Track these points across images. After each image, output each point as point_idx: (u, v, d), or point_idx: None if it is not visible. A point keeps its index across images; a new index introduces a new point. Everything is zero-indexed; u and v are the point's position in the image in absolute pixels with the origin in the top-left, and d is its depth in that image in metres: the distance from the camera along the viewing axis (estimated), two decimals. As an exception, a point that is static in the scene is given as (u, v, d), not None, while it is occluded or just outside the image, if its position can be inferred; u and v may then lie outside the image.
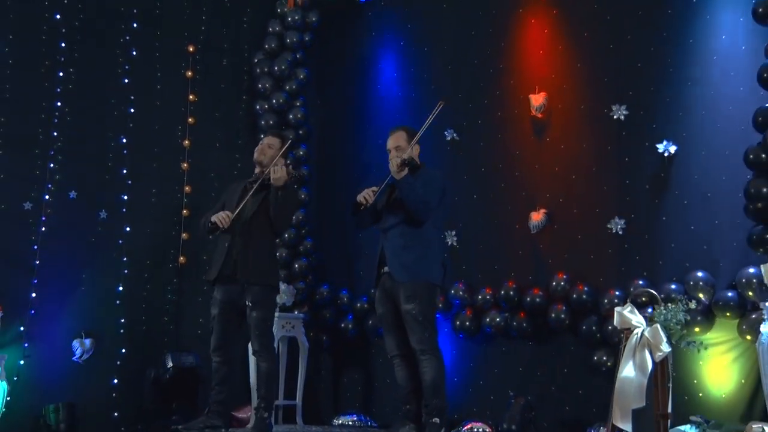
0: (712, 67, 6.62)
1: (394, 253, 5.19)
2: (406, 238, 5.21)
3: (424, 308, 5.01)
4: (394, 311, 5.15)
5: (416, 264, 5.12)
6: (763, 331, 5.61)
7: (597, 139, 7.04)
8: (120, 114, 7.67)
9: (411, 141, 5.47)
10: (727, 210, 6.40)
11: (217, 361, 5.72)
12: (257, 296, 5.56)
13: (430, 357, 4.94)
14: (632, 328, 5.26)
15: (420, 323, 4.96)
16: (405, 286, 5.09)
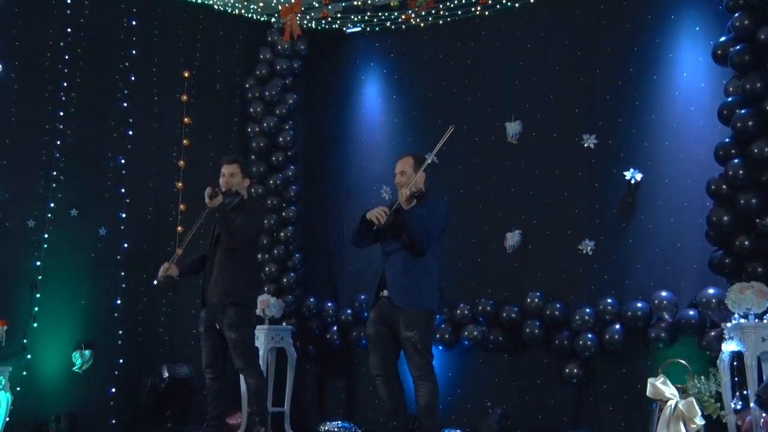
0: (675, 102, 6.81)
1: (395, 279, 5.08)
2: (407, 264, 5.07)
3: (422, 336, 4.95)
4: (385, 334, 5.08)
5: (416, 291, 5.03)
6: (724, 350, 5.80)
7: (569, 165, 7.19)
8: (119, 136, 7.67)
9: (417, 169, 5.34)
10: (689, 234, 6.59)
11: (210, 378, 5.73)
12: (232, 318, 5.56)
13: (426, 382, 4.92)
14: (666, 399, 5.33)
15: (418, 351, 4.91)
16: (405, 312, 4.99)
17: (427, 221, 5.05)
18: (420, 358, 4.86)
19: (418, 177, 5.28)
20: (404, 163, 5.38)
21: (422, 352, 4.88)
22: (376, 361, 5.07)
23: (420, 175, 5.31)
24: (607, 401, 6.76)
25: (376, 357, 5.07)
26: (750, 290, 5.62)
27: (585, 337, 6.72)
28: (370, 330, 5.15)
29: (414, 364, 4.88)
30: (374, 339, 5.10)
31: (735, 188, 5.91)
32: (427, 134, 7.96)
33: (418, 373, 4.87)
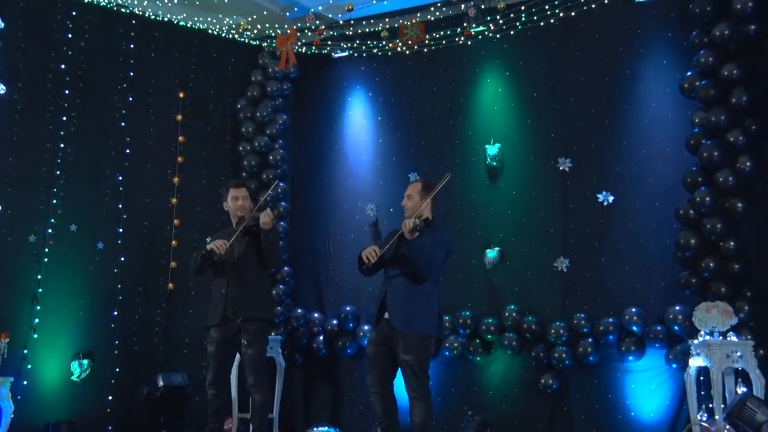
0: (644, 130, 6.97)
1: (395, 303, 5.05)
2: (408, 289, 5.03)
3: (420, 359, 4.94)
4: (384, 354, 5.09)
5: (416, 316, 4.99)
6: (691, 365, 5.96)
7: (545, 187, 7.33)
8: (117, 154, 7.67)
9: (425, 196, 5.25)
10: (657, 254, 6.76)
11: (213, 394, 5.73)
12: (253, 334, 5.60)
13: (421, 403, 4.93)
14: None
15: (415, 373, 4.92)
16: (404, 336, 4.96)
17: (429, 251, 4.99)
18: (416, 380, 4.89)
19: (423, 205, 5.22)
20: (412, 188, 5.32)
21: (418, 374, 4.90)
22: (373, 379, 5.10)
23: (426, 203, 5.24)
24: (580, 410, 6.88)
25: (374, 375, 5.09)
26: (715, 309, 5.80)
27: (559, 350, 6.86)
28: (370, 349, 5.15)
29: (410, 385, 4.90)
30: (373, 358, 5.11)
31: (701, 214, 6.09)
32: (410, 155, 8.11)
33: (414, 394, 4.89)
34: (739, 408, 4.71)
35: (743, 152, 6.04)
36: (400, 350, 4.93)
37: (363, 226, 8.21)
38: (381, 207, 8.14)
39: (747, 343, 5.77)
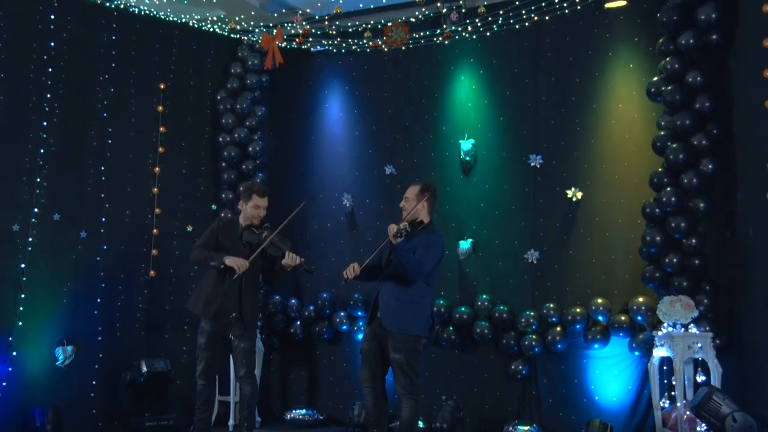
0: (611, 130, 7.12)
1: (386, 304, 5.05)
2: (399, 291, 5.04)
3: (409, 358, 4.99)
4: (376, 350, 5.14)
5: (406, 317, 5.02)
6: (655, 354, 6.16)
7: (516, 182, 7.44)
8: (99, 144, 7.54)
9: (420, 198, 5.24)
10: (622, 248, 6.94)
11: (202, 384, 5.72)
12: (247, 329, 5.63)
13: (409, 400, 5.01)
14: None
15: (404, 372, 4.98)
16: (393, 336, 5.00)
17: (422, 252, 5.00)
18: (405, 378, 4.95)
19: (419, 206, 5.22)
20: (410, 191, 5.29)
21: (407, 373, 4.95)
22: (366, 374, 5.15)
23: (422, 204, 5.24)
24: (547, 395, 7.07)
25: (367, 371, 5.15)
26: (679, 303, 6.00)
27: (529, 338, 7.01)
28: (364, 345, 5.19)
29: (399, 383, 4.96)
30: (366, 354, 5.16)
31: (666, 213, 6.26)
32: (386, 148, 8.15)
33: (402, 391, 4.95)
34: (705, 401, 4.89)
35: (706, 155, 6.21)
36: (390, 349, 4.99)
37: (339, 215, 8.25)
38: (357, 197, 8.18)
39: (706, 334, 5.99)
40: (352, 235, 8.17)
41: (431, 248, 5.11)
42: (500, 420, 7.10)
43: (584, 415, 6.81)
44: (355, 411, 7.49)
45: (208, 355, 5.70)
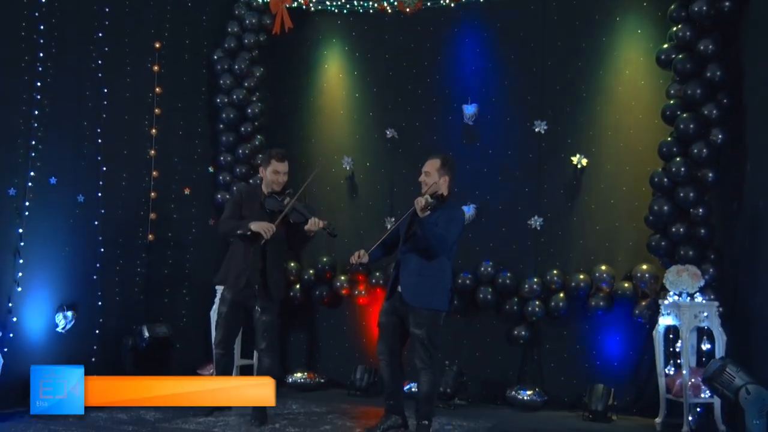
0: (618, 97, 7.07)
1: (408, 278, 5.04)
2: (420, 265, 5.03)
3: (430, 334, 4.98)
4: (395, 324, 5.13)
5: (428, 292, 5.00)
6: (660, 323, 6.23)
7: (520, 148, 7.39)
8: (94, 105, 7.32)
9: (443, 172, 5.21)
10: (626, 215, 6.96)
11: (220, 353, 5.70)
12: (269, 300, 5.56)
13: (428, 373, 5.00)
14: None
15: (424, 346, 4.97)
16: (415, 311, 5.00)
17: (444, 226, 4.96)
18: (425, 353, 4.93)
19: (442, 181, 5.16)
20: (431, 165, 5.22)
21: (428, 347, 4.93)
22: (383, 347, 5.13)
23: (443, 178, 5.18)
24: (549, 359, 7.15)
25: (384, 344, 5.13)
26: (686, 273, 6.04)
27: (532, 304, 7.05)
28: (382, 319, 5.16)
29: (419, 357, 4.94)
30: (384, 327, 5.13)
31: (675, 182, 6.27)
32: (387, 111, 8.02)
33: (422, 365, 4.94)
34: (718, 373, 4.96)
35: (716, 125, 6.20)
36: (411, 324, 4.97)
37: (339, 179, 8.16)
38: (357, 161, 8.08)
39: (712, 303, 6.05)
40: (353, 199, 8.09)
41: (453, 222, 5.08)
42: (502, 384, 7.18)
43: (585, 380, 6.89)
44: (358, 375, 7.52)
45: (228, 324, 5.66)
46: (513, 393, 6.95)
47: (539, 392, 6.92)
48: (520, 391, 6.92)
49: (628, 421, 6.50)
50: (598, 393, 6.52)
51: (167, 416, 4.89)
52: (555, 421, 6.53)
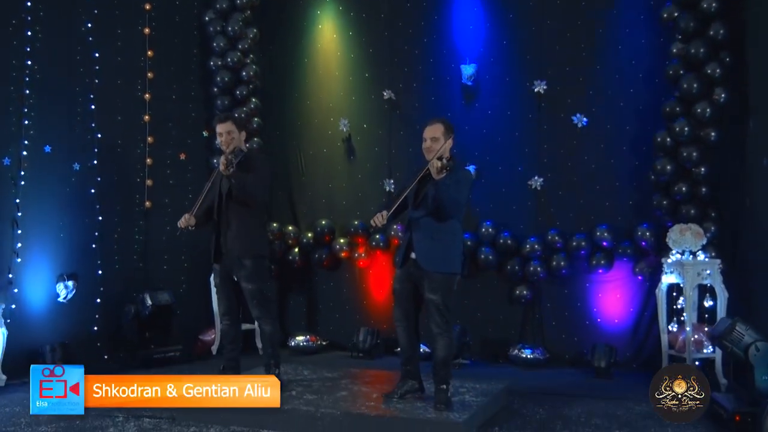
0: (617, 55, 7.04)
1: (421, 244, 4.98)
2: (433, 229, 4.97)
3: (445, 298, 4.97)
4: (409, 290, 5.12)
5: (441, 256, 4.98)
6: (663, 281, 6.32)
7: (520, 108, 7.36)
8: (86, 70, 7.16)
9: (448, 136, 5.12)
10: (626, 175, 7.00)
11: (227, 324, 5.65)
12: (249, 270, 5.44)
13: (444, 338, 4.99)
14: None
15: (440, 311, 4.96)
16: (430, 276, 4.95)
17: (455, 191, 4.94)
18: (440, 318, 4.93)
19: (446, 145, 5.11)
20: (435, 130, 5.13)
21: (443, 312, 4.94)
22: (399, 313, 5.13)
23: (448, 142, 5.14)
24: (550, 318, 7.24)
25: (400, 310, 5.13)
26: (689, 232, 6.12)
27: (534, 264, 7.10)
28: (396, 286, 5.14)
29: (435, 322, 4.95)
30: (399, 294, 5.12)
31: (678, 143, 6.30)
32: (384, 72, 7.93)
33: (437, 330, 4.94)
34: (728, 331, 5.05)
35: (719, 84, 6.21)
36: (426, 289, 4.95)
37: (336, 140, 8.09)
38: (354, 123, 8.01)
39: (714, 261, 6.15)
40: (350, 161, 8.04)
41: (462, 183, 5.04)
42: (503, 343, 7.27)
43: (586, 337, 7.02)
44: (360, 337, 7.57)
45: (224, 295, 5.62)
46: (516, 352, 7.04)
47: (542, 350, 7.03)
48: (523, 350, 7.02)
49: (631, 377, 6.62)
50: (601, 351, 6.63)
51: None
52: (561, 378, 6.63)
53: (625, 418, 5.28)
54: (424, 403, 5.00)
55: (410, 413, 4.78)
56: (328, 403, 5.06)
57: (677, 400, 3.95)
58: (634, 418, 5.28)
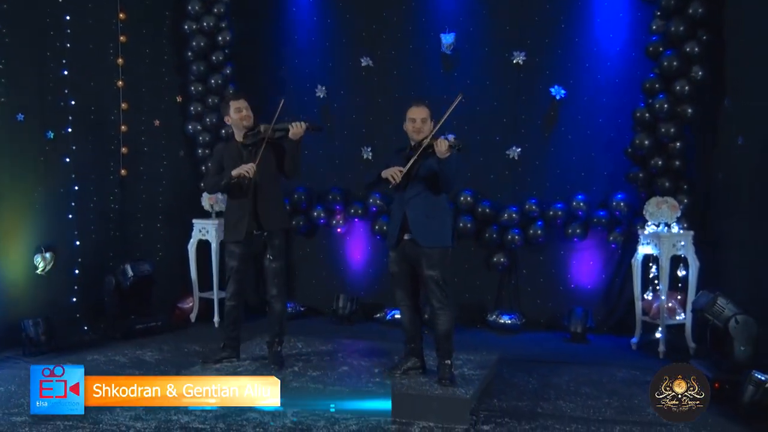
0: (596, 29, 7.17)
1: (418, 221, 5.09)
2: (427, 207, 5.11)
3: (443, 273, 5.10)
4: (407, 271, 5.23)
5: (436, 231, 5.11)
6: (639, 251, 6.61)
7: (498, 78, 7.45)
8: (57, 33, 6.88)
9: (432, 121, 5.28)
10: (602, 146, 7.22)
11: (232, 305, 5.65)
12: (278, 248, 5.51)
13: (445, 312, 5.10)
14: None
15: (440, 286, 5.08)
16: (427, 253, 5.07)
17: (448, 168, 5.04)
18: (441, 293, 5.06)
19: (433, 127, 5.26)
20: (423, 111, 5.24)
21: (443, 287, 5.06)
22: (402, 294, 5.23)
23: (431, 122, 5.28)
24: (526, 284, 7.49)
25: (403, 291, 5.23)
26: (665, 205, 6.39)
27: (512, 232, 7.31)
28: (394, 268, 5.21)
29: (436, 297, 5.07)
30: (398, 276, 5.21)
31: (657, 118, 6.52)
32: (361, 38, 7.88)
33: (439, 305, 5.06)
34: (710, 305, 5.35)
35: (696, 62, 6.42)
36: (424, 266, 5.05)
37: (312, 107, 8.04)
38: (331, 89, 7.97)
39: (688, 233, 6.46)
40: (327, 128, 7.99)
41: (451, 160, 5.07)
42: (480, 308, 7.51)
43: (560, 303, 7.31)
44: (340, 303, 7.69)
45: (239, 277, 5.61)
46: (494, 318, 7.29)
47: (519, 316, 7.29)
48: (501, 316, 7.27)
49: (605, 340, 6.96)
50: (578, 317, 6.93)
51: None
52: (538, 342, 6.92)
53: (610, 385, 5.59)
54: (427, 378, 5.18)
55: (418, 390, 4.95)
56: (333, 379, 5.19)
57: (677, 400, 4.13)
58: (619, 385, 5.59)
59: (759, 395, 4.75)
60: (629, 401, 5.23)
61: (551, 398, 5.29)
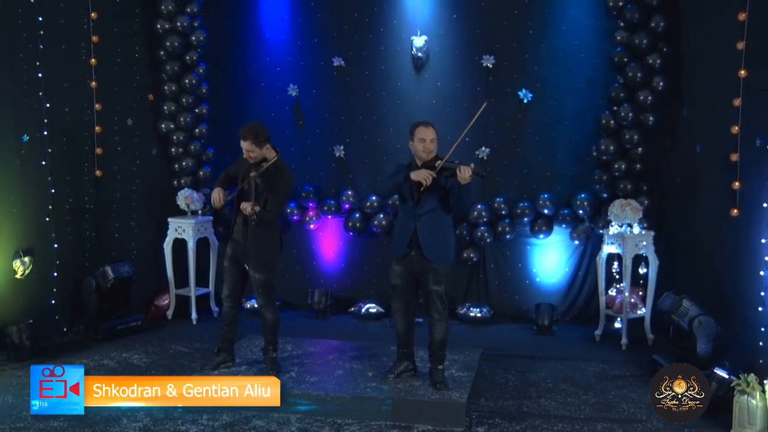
0: (562, 35, 7.50)
1: (428, 238, 5.28)
2: (437, 223, 5.32)
3: (446, 288, 5.40)
4: (410, 284, 5.44)
5: (444, 248, 5.36)
6: (604, 250, 7.03)
7: (468, 81, 7.71)
8: (29, 35, 6.76)
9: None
10: (566, 148, 7.59)
11: (229, 306, 5.82)
12: (260, 261, 5.66)
13: (443, 322, 5.37)
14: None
15: (442, 300, 5.33)
16: (435, 269, 5.28)
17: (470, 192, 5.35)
18: (442, 306, 5.34)
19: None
20: (432, 132, 5.54)
21: (444, 300, 5.34)
22: (400, 305, 5.49)
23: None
24: (494, 278, 7.85)
25: (402, 302, 5.48)
26: (629, 207, 6.81)
27: (481, 229, 7.64)
28: (397, 281, 5.44)
29: (436, 309, 5.35)
30: (401, 288, 5.45)
31: (621, 126, 6.92)
32: (333, 38, 8.00)
33: (438, 317, 5.34)
34: (676, 306, 5.80)
35: (658, 73, 6.82)
36: (430, 281, 5.31)
37: (284, 106, 8.15)
38: (303, 88, 8.08)
39: (649, 233, 6.90)
40: (298, 126, 8.15)
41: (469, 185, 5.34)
42: (450, 301, 7.75)
43: (527, 296, 7.72)
44: (315, 298, 7.91)
45: (232, 277, 5.77)
46: (464, 311, 7.64)
47: (488, 308, 7.67)
48: (472, 308, 7.63)
49: (569, 331, 7.40)
50: (545, 310, 7.35)
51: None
52: (507, 334, 7.31)
53: (584, 381, 6.01)
54: (420, 381, 5.48)
55: (416, 395, 5.25)
56: (332, 385, 5.44)
57: (677, 400, 4.48)
58: (592, 380, 6.02)
59: (722, 391, 5.21)
60: (604, 397, 5.65)
61: (533, 396, 5.67)
